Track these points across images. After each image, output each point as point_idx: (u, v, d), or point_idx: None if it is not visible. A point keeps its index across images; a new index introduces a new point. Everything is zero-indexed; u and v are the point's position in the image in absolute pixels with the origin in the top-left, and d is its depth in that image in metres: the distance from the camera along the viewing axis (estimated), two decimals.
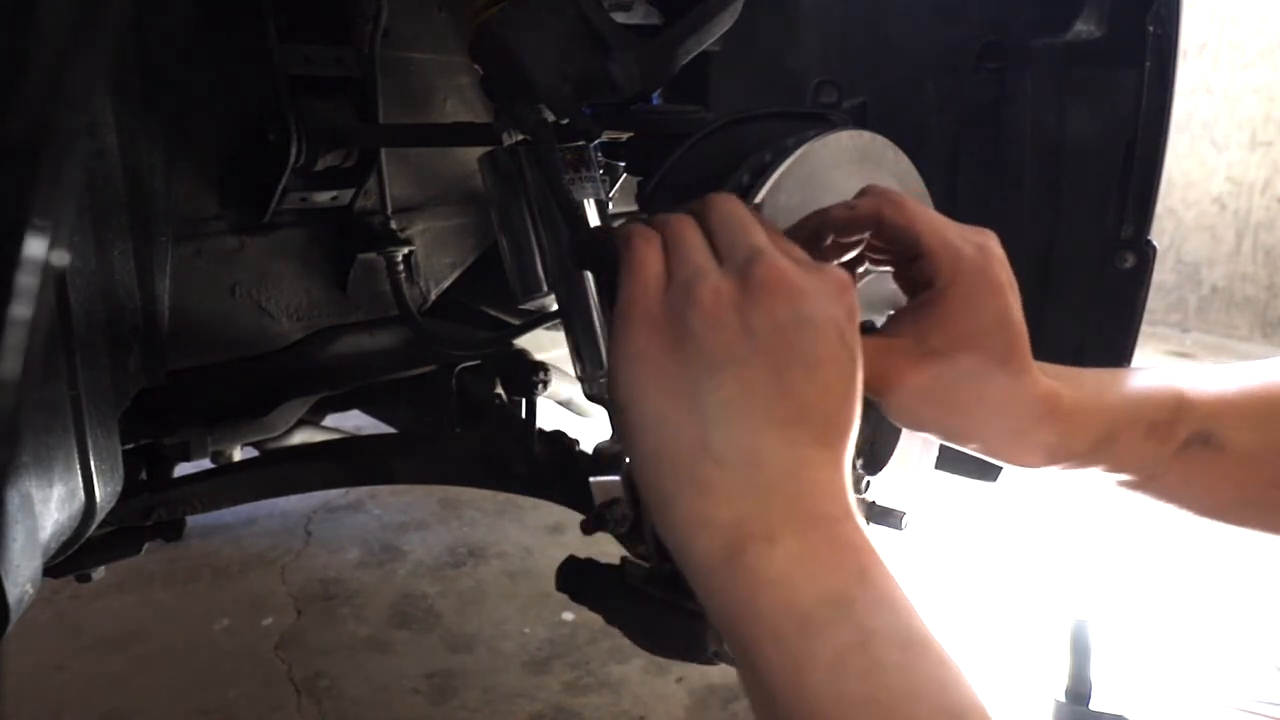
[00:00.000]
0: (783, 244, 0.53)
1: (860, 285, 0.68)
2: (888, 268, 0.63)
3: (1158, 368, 0.65)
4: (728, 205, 0.54)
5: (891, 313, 0.63)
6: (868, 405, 0.73)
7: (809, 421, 0.48)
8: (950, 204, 0.99)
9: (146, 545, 1.27)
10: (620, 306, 0.52)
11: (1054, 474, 0.63)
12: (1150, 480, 0.63)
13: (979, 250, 0.58)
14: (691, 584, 0.48)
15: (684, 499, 0.48)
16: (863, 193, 0.61)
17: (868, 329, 0.57)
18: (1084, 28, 0.95)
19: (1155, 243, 0.97)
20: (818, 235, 0.60)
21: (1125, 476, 0.63)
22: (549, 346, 1.44)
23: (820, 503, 0.47)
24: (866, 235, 0.60)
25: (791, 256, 0.51)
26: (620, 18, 0.85)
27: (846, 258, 0.62)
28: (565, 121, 0.79)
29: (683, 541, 0.48)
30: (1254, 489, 0.63)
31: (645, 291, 0.51)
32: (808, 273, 0.50)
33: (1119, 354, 1.01)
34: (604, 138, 0.85)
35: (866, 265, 0.64)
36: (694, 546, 0.47)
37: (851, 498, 0.49)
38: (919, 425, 0.62)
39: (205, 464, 1.29)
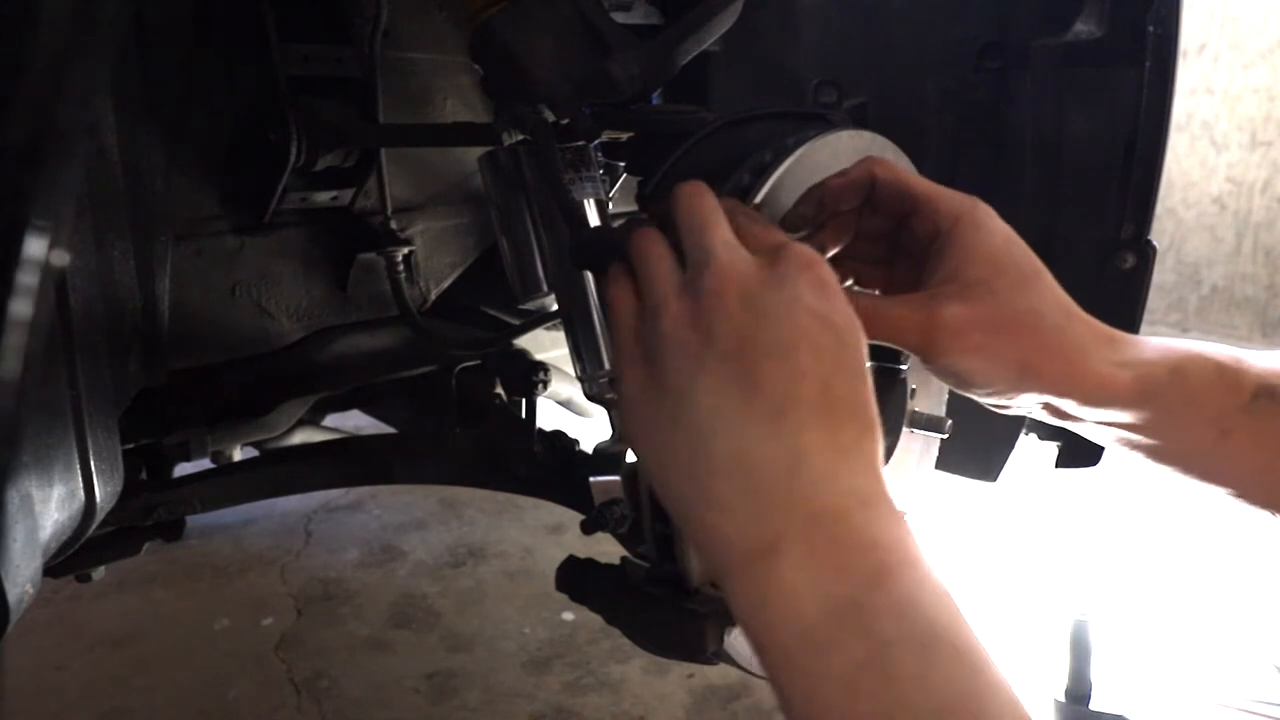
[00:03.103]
0: (752, 228, 0.54)
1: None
2: (876, 289, 0.64)
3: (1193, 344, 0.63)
4: (689, 199, 0.54)
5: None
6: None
7: (793, 409, 0.46)
8: None
9: (146, 545, 1.27)
10: (613, 355, 0.54)
11: (1140, 419, 0.59)
12: (1224, 439, 0.59)
13: (968, 198, 0.60)
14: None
15: (695, 515, 0.48)
16: None
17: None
18: (1084, 28, 0.95)
19: (1155, 243, 0.97)
20: (820, 208, 0.61)
21: (1202, 431, 0.59)
22: (549, 346, 1.45)
23: (822, 497, 0.45)
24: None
25: (752, 245, 0.51)
26: (620, 18, 0.86)
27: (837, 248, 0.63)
28: (565, 121, 0.79)
29: (704, 552, 0.49)
30: None
31: (626, 334, 0.53)
32: (762, 264, 0.50)
33: None
34: (604, 138, 0.85)
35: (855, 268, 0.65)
36: (712, 557, 0.48)
37: (867, 473, 0.47)
38: (989, 365, 0.58)
39: (205, 464, 1.29)
